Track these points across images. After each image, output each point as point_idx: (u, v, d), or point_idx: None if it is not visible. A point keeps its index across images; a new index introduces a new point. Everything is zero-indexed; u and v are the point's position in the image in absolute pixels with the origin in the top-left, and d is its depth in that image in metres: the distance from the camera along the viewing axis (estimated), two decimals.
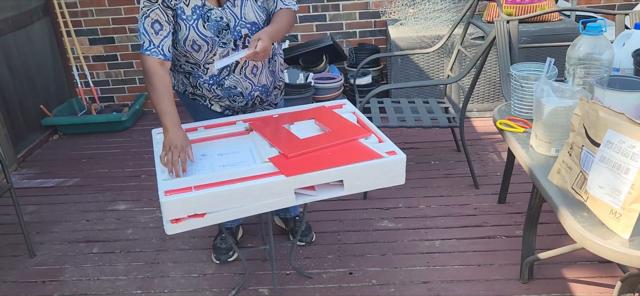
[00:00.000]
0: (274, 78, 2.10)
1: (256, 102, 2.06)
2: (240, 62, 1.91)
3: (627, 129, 1.24)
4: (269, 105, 2.14)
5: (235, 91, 1.97)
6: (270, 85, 2.08)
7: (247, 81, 1.96)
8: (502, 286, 2.04)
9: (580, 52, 1.80)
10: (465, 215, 2.52)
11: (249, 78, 1.96)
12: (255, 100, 2.05)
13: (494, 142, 3.26)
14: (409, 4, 3.79)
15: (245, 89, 1.98)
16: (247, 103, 2.05)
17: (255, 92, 2.01)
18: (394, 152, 1.66)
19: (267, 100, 2.11)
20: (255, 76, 1.98)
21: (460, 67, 3.45)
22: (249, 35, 1.87)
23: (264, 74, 2.01)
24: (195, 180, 1.56)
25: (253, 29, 1.87)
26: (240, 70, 1.93)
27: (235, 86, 1.95)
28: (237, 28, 1.84)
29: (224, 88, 1.95)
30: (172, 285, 2.20)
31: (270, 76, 2.06)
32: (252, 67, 1.95)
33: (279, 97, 2.19)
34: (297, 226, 2.41)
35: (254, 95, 2.02)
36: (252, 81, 1.98)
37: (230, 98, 2.00)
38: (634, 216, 1.24)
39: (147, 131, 3.85)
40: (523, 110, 1.98)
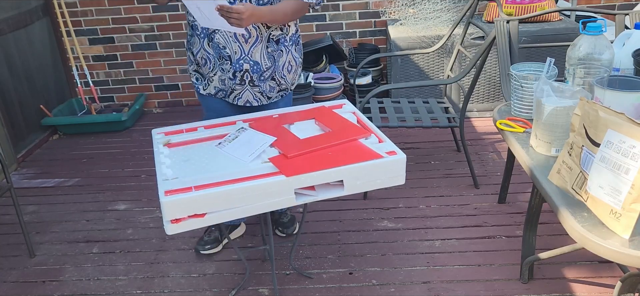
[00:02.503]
0: (274, 68, 2.04)
1: (245, 78, 2.00)
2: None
3: (627, 129, 1.24)
4: (262, 96, 2.08)
5: (224, 52, 1.95)
6: (266, 69, 2.02)
7: (236, 44, 1.93)
8: (502, 286, 2.04)
9: (580, 52, 1.80)
10: (465, 215, 2.52)
11: (239, 42, 1.93)
12: (245, 76, 1.99)
13: (494, 142, 3.26)
14: (409, 4, 3.79)
15: (235, 54, 1.95)
16: (235, 77, 1.99)
17: (245, 64, 1.97)
18: (394, 152, 1.66)
19: (258, 85, 2.04)
20: (246, 42, 1.94)
21: (460, 67, 3.45)
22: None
23: (259, 50, 1.96)
24: (195, 180, 1.56)
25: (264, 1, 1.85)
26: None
27: (224, 46, 1.94)
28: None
29: (214, 44, 1.95)
30: (172, 285, 2.20)
31: (268, 60, 2.00)
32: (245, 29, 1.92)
33: (277, 96, 2.13)
34: (282, 218, 2.45)
35: (242, 66, 1.97)
36: (242, 47, 1.94)
37: (220, 62, 1.97)
38: (634, 216, 1.24)
39: (147, 131, 3.85)
40: (523, 110, 1.98)
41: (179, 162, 1.70)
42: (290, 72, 2.12)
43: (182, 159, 1.71)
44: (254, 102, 2.09)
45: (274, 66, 2.03)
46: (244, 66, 1.97)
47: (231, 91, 2.05)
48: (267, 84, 2.06)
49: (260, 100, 2.09)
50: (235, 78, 2.00)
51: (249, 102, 2.09)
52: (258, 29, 1.95)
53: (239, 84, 2.02)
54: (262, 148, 1.71)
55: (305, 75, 3.65)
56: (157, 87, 4.25)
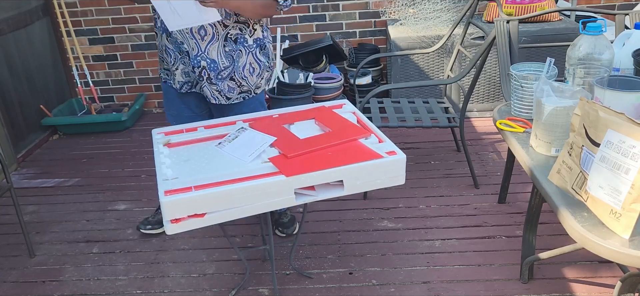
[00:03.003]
0: (233, 68, 2.03)
1: (203, 75, 2.01)
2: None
3: (627, 129, 1.24)
4: (220, 95, 2.08)
5: (183, 47, 1.98)
6: (224, 68, 2.02)
7: (193, 40, 1.95)
8: (502, 286, 2.04)
9: (580, 52, 1.80)
10: (465, 215, 2.52)
11: (196, 39, 1.94)
12: (203, 73, 2.01)
13: (494, 142, 3.26)
14: (409, 4, 3.79)
15: (192, 50, 1.97)
16: (194, 71, 2.02)
17: (202, 61, 1.98)
18: (394, 152, 1.66)
19: (216, 84, 2.04)
20: (202, 40, 1.95)
21: (460, 67, 3.45)
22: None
23: (215, 48, 1.97)
24: (195, 180, 1.56)
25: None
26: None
27: (182, 41, 1.96)
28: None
29: (172, 39, 1.98)
30: (172, 285, 2.20)
31: (226, 59, 2.00)
32: (200, 26, 1.93)
33: (238, 97, 2.11)
34: (282, 218, 2.44)
35: (200, 63, 1.98)
36: (198, 44, 1.95)
37: (181, 56, 2.00)
38: (634, 216, 1.24)
39: (147, 131, 3.85)
40: (523, 110, 1.98)
41: (179, 162, 1.70)
42: (253, 74, 2.09)
43: (182, 159, 1.71)
44: (211, 99, 2.10)
45: (233, 66, 2.03)
46: (201, 63, 1.99)
47: (196, 82, 2.08)
48: (225, 84, 2.05)
49: (218, 99, 2.09)
50: (195, 73, 2.04)
51: (208, 98, 2.10)
52: (214, 27, 1.96)
53: (199, 79, 2.05)
54: (262, 148, 1.71)
55: (305, 75, 3.66)
56: (157, 87, 4.25)
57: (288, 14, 3.99)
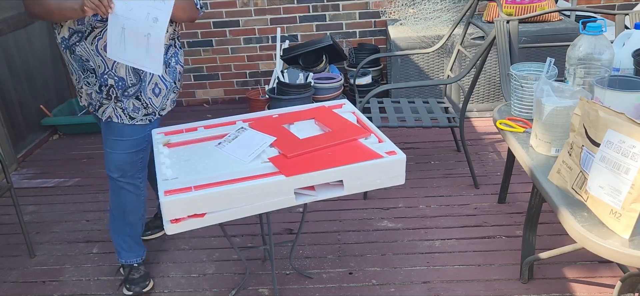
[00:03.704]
0: (140, 86, 1.92)
1: (111, 93, 1.90)
2: (95, 31, 1.79)
3: (627, 129, 1.24)
4: (124, 113, 1.95)
5: (88, 65, 1.86)
6: (131, 85, 1.91)
7: (99, 57, 1.83)
8: (502, 286, 2.04)
9: (580, 52, 1.80)
10: (465, 215, 2.52)
11: (101, 56, 1.83)
12: (110, 92, 1.89)
13: (494, 142, 3.26)
14: (409, 4, 3.79)
15: (98, 68, 1.86)
16: (102, 91, 1.89)
17: (110, 79, 1.87)
18: (393, 152, 1.66)
19: (121, 101, 1.93)
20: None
21: (460, 67, 3.45)
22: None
23: (123, 65, 1.86)
24: (195, 180, 1.56)
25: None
26: (92, 40, 1.81)
27: (87, 59, 1.84)
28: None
29: (76, 57, 1.85)
30: (172, 285, 2.20)
31: (134, 76, 1.90)
32: (106, 42, 1.79)
33: (142, 119, 1.97)
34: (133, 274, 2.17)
35: (107, 81, 1.87)
36: (105, 62, 1.84)
37: (85, 75, 1.88)
38: (634, 216, 1.24)
39: None
40: (523, 110, 1.98)
41: (179, 161, 1.70)
42: (158, 96, 1.97)
43: (182, 159, 1.71)
44: (114, 118, 1.95)
45: (140, 85, 1.92)
46: (109, 82, 1.88)
47: (99, 105, 1.95)
48: (130, 102, 1.93)
49: (121, 117, 1.95)
50: (102, 92, 1.91)
51: (110, 118, 1.95)
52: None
53: (106, 99, 1.92)
54: (261, 148, 1.71)
55: (305, 75, 3.66)
56: None
57: (288, 14, 3.99)
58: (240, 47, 4.12)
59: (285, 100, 3.40)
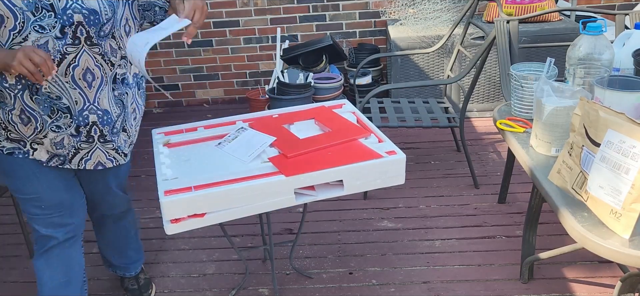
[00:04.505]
0: (124, 115, 1.64)
1: (94, 133, 1.56)
2: (68, 58, 1.44)
3: (627, 129, 1.24)
4: (118, 153, 1.66)
5: (60, 104, 1.49)
6: (117, 118, 1.60)
7: (76, 90, 1.49)
8: (502, 286, 2.04)
9: (581, 52, 1.80)
10: (465, 215, 2.52)
11: (80, 87, 1.49)
12: (92, 131, 1.55)
13: (494, 142, 3.26)
14: (409, 4, 3.79)
15: (76, 104, 1.50)
16: (80, 133, 1.54)
17: (92, 115, 1.53)
18: (393, 151, 1.66)
19: (112, 140, 1.61)
20: (89, 87, 1.51)
21: (460, 67, 3.46)
22: (83, 24, 1.43)
23: (106, 94, 1.54)
24: (195, 180, 1.56)
25: (91, 20, 1.43)
26: (66, 70, 1.46)
27: (59, 96, 1.47)
28: (68, 11, 1.40)
29: (41, 97, 1.47)
30: (172, 285, 2.20)
31: (117, 107, 1.59)
32: (85, 70, 1.48)
33: (129, 151, 1.72)
34: (139, 287, 2.12)
35: (88, 118, 1.53)
36: (84, 94, 1.50)
37: (54, 118, 1.50)
38: (634, 216, 1.24)
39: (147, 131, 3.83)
40: (523, 110, 1.98)
41: (179, 162, 1.70)
42: (136, 120, 1.74)
43: (182, 159, 1.71)
44: (108, 162, 1.64)
45: (124, 113, 1.64)
46: (90, 118, 1.53)
47: (75, 153, 1.58)
48: (120, 138, 1.64)
49: (116, 159, 1.66)
50: (80, 135, 1.55)
51: (102, 163, 1.64)
52: (101, 67, 1.52)
53: (85, 141, 1.57)
54: (261, 148, 1.71)
55: (305, 75, 3.66)
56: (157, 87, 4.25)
57: (288, 14, 3.99)
58: (240, 47, 4.12)
59: (285, 100, 3.40)
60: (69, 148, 1.57)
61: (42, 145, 1.55)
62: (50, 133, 1.52)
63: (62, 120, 1.51)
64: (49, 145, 1.54)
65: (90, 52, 1.47)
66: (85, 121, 1.53)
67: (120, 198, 1.89)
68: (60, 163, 1.59)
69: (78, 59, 1.45)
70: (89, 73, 1.48)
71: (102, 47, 1.50)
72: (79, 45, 1.44)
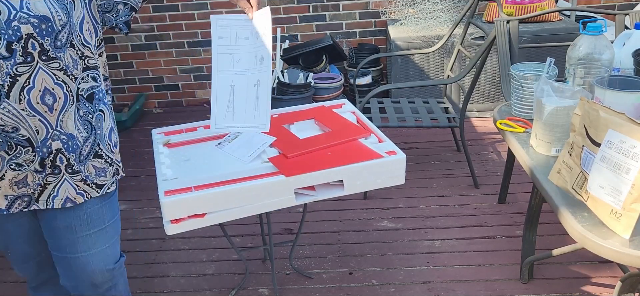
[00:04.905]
0: (95, 137, 1.36)
1: (59, 163, 1.30)
2: (20, 80, 1.18)
3: (627, 129, 1.24)
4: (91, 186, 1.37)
5: (18, 137, 1.24)
6: (84, 142, 1.33)
7: (35, 117, 1.23)
8: (502, 286, 2.04)
9: (581, 52, 1.80)
10: (465, 215, 2.52)
11: (40, 113, 1.23)
12: (58, 160, 1.29)
13: (494, 142, 3.26)
14: (409, 4, 3.79)
15: (37, 133, 1.25)
16: (45, 166, 1.29)
17: (55, 141, 1.27)
18: (393, 151, 1.66)
19: (79, 171, 1.33)
20: (51, 110, 1.25)
21: (460, 67, 3.45)
22: (33, 36, 1.18)
23: (71, 116, 1.29)
24: (195, 180, 1.56)
25: (43, 29, 1.19)
26: (19, 93, 1.19)
27: (15, 127, 1.22)
28: (13, 23, 1.15)
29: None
30: (172, 285, 2.20)
31: (84, 129, 1.33)
32: (43, 91, 1.22)
33: (112, 181, 1.43)
34: None
35: (50, 147, 1.27)
36: (46, 120, 1.24)
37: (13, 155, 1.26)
38: (634, 216, 1.24)
39: (147, 131, 3.85)
40: (523, 110, 1.98)
41: (179, 162, 1.70)
42: (116, 145, 1.47)
43: (182, 159, 1.71)
44: (77, 197, 1.35)
45: (95, 135, 1.36)
46: (54, 145, 1.28)
47: (40, 191, 1.31)
48: (89, 164, 1.36)
49: (87, 192, 1.36)
50: (45, 169, 1.29)
51: (71, 199, 1.34)
52: (64, 85, 1.26)
53: (51, 173, 1.31)
54: (262, 148, 1.71)
55: (305, 75, 3.66)
56: (157, 87, 4.25)
57: (288, 14, 3.99)
58: None
59: (285, 100, 3.40)
60: (34, 187, 1.30)
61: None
62: (9, 172, 1.27)
63: (23, 156, 1.26)
64: (9, 186, 1.28)
65: (47, 68, 1.21)
66: (48, 151, 1.28)
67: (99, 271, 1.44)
68: (25, 205, 1.32)
69: (33, 80, 1.20)
70: (49, 94, 1.23)
71: (61, 61, 1.24)
72: (32, 63, 1.18)
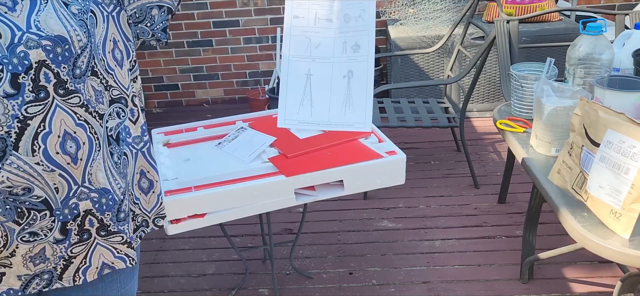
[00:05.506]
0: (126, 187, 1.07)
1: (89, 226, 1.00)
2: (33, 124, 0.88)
3: (627, 129, 1.24)
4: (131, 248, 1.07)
5: (32, 201, 0.92)
6: (123, 196, 1.04)
7: (55, 172, 0.92)
8: (502, 286, 2.04)
9: (581, 52, 1.80)
10: (465, 215, 2.52)
11: (61, 165, 0.93)
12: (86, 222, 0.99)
13: (494, 142, 3.26)
14: (409, 4, 3.79)
15: (57, 192, 0.94)
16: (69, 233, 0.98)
17: (83, 201, 0.97)
18: (394, 151, 1.66)
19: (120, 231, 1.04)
20: (75, 161, 0.94)
21: (460, 67, 3.45)
22: (47, 64, 0.88)
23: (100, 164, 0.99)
24: (195, 180, 1.56)
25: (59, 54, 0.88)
26: (32, 142, 0.89)
27: (28, 188, 0.91)
28: (19, 48, 0.85)
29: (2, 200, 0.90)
30: (172, 285, 2.20)
31: (121, 177, 1.04)
32: (63, 137, 0.92)
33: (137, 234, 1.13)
34: None
35: (77, 208, 0.97)
36: (68, 173, 0.94)
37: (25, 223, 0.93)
38: (634, 216, 1.24)
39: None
40: (523, 110, 1.98)
41: (179, 162, 1.70)
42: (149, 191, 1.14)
43: (182, 159, 1.71)
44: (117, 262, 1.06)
45: (126, 185, 1.07)
46: (81, 207, 0.97)
47: (65, 265, 1.01)
48: (129, 225, 1.06)
49: (130, 257, 1.07)
50: (69, 235, 0.98)
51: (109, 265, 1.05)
52: (87, 126, 0.95)
53: (78, 243, 1.00)
54: (262, 148, 1.71)
55: None
56: (157, 87, 4.25)
57: None
58: (240, 47, 4.12)
59: None
60: (55, 261, 1.00)
61: (10, 268, 0.97)
62: (22, 245, 0.95)
63: (39, 223, 0.95)
64: (22, 264, 0.97)
65: (66, 106, 0.92)
66: (72, 213, 0.97)
67: None
68: (46, 284, 1.01)
69: (49, 123, 0.90)
70: (70, 139, 0.93)
71: (82, 94, 0.94)
72: (46, 100, 0.89)
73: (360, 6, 1.23)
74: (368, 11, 1.23)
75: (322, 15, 1.25)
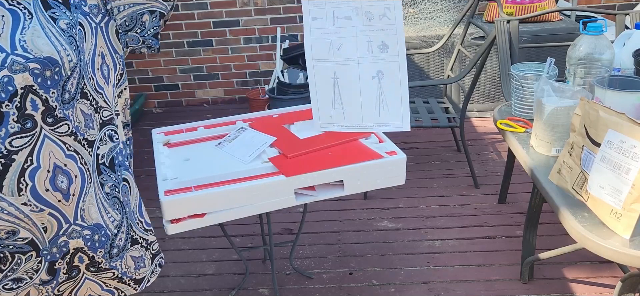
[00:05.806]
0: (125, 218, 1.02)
1: (78, 263, 0.93)
2: (18, 159, 0.80)
3: (627, 129, 1.24)
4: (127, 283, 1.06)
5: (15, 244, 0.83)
6: (115, 229, 0.98)
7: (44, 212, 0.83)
8: (502, 286, 2.04)
9: (581, 52, 1.80)
10: (465, 215, 2.52)
11: (51, 204, 0.84)
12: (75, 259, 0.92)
13: (494, 142, 3.26)
14: (409, 4, 3.79)
15: (46, 232, 0.85)
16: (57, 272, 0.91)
17: (73, 239, 0.89)
18: (394, 152, 1.66)
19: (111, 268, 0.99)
20: (66, 198, 0.86)
21: (461, 67, 3.45)
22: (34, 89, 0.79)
23: (92, 198, 0.91)
24: (195, 180, 1.56)
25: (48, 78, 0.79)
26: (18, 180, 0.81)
27: (12, 231, 0.81)
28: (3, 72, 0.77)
29: None
30: (172, 285, 2.20)
31: (114, 210, 0.97)
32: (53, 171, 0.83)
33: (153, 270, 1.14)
34: None
35: (67, 246, 0.89)
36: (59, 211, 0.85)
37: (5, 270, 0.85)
38: (634, 216, 1.24)
39: (147, 131, 3.84)
40: (523, 110, 1.97)
41: (179, 161, 1.70)
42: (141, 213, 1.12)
43: (182, 159, 1.71)
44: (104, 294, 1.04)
45: (125, 215, 1.03)
46: (71, 245, 0.90)
47: None
48: (127, 257, 1.02)
49: (120, 290, 1.05)
50: (57, 274, 0.91)
51: None
52: (77, 157, 0.87)
53: (67, 279, 0.94)
54: (262, 148, 1.71)
55: (305, 75, 3.65)
56: (157, 87, 4.25)
57: (288, 14, 3.99)
58: (240, 47, 4.12)
59: (285, 100, 3.40)
60: None
61: None
62: (4, 294, 0.88)
63: (23, 266, 0.85)
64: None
65: (54, 136, 0.83)
66: (62, 251, 0.89)
67: None
68: None
69: (37, 156, 0.81)
70: (61, 173, 0.85)
71: (70, 121, 0.84)
72: (33, 131, 0.80)
73: (383, 4, 1.20)
74: (393, 10, 1.20)
75: (340, 14, 1.23)
